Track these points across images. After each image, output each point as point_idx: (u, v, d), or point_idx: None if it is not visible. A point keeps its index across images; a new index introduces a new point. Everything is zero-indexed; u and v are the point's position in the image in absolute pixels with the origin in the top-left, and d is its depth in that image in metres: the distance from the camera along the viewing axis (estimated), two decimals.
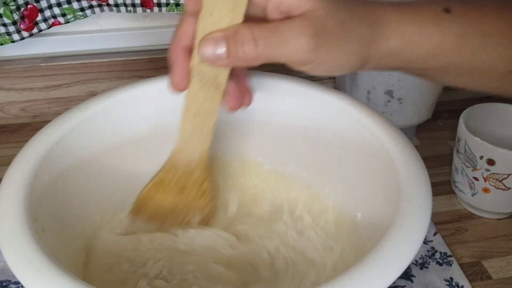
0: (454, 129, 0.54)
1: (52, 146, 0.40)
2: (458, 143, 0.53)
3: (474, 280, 0.48)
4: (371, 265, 0.31)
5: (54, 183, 0.40)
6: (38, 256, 0.31)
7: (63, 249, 0.39)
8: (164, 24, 0.68)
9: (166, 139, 0.49)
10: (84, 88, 0.67)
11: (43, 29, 0.60)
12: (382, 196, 0.40)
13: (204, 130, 0.43)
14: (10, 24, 0.57)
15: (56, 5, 0.59)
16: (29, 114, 0.67)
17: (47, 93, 0.67)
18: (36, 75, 0.66)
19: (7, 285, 0.46)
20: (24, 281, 0.30)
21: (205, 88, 0.41)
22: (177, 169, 0.46)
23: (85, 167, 0.44)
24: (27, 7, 0.58)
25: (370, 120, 0.42)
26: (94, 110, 0.44)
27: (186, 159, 0.45)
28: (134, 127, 0.47)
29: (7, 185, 0.36)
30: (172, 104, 0.48)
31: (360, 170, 0.44)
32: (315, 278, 0.45)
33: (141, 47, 0.68)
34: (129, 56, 0.67)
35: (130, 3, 0.59)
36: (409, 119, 0.60)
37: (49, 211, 0.38)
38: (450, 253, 0.50)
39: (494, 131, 0.54)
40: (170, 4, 0.59)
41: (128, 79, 0.68)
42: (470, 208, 0.55)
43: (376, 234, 0.35)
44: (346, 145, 0.45)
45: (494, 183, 0.51)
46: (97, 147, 0.45)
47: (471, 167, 0.51)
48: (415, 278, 0.47)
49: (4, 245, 0.32)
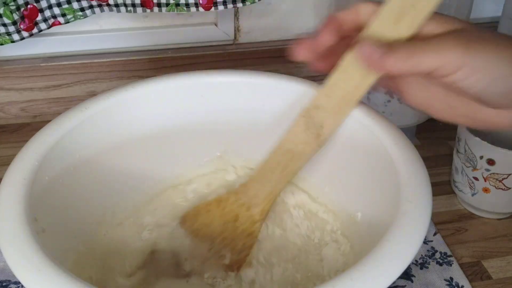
0: (454, 129, 0.54)
1: (52, 146, 0.40)
2: (458, 143, 0.53)
3: (474, 280, 0.48)
4: (371, 265, 0.31)
5: (54, 183, 0.40)
6: (38, 256, 0.31)
7: (63, 249, 0.39)
8: (164, 24, 0.68)
9: (166, 139, 0.49)
10: (84, 88, 0.67)
11: (43, 29, 0.60)
12: (382, 196, 0.40)
13: (286, 169, 0.43)
14: (10, 24, 0.57)
15: (56, 5, 0.59)
16: (29, 114, 0.67)
17: (47, 93, 0.67)
18: (36, 75, 0.66)
19: (7, 285, 0.46)
20: (24, 281, 0.30)
21: (308, 132, 0.42)
22: (241, 196, 0.45)
23: (85, 167, 0.44)
24: (27, 7, 0.58)
25: (370, 120, 0.42)
26: (94, 110, 0.44)
27: (255, 190, 0.44)
28: (134, 127, 0.47)
29: (7, 185, 0.36)
30: (172, 104, 0.48)
31: (360, 170, 0.44)
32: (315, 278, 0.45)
33: (141, 47, 0.68)
34: (129, 56, 0.67)
35: (130, 3, 0.59)
36: (409, 119, 0.60)
37: (49, 211, 0.38)
38: (450, 253, 0.50)
39: (494, 131, 0.55)
40: (170, 4, 0.59)
41: (128, 79, 0.68)
42: (470, 208, 0.55)
43: (376, 234, 0.35)
44: (346, 145, 0.45)
45: (494, 183, 0.51)
46: (97, 147, 0.45)
47: (471, 167, 0.51)
48: (415, 278, 0.47)
49: (4, 245, 0.32)
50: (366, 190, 0.43)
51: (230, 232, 0.44)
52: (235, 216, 0.45)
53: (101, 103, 0.45)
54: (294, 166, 0.43)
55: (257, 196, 0.44)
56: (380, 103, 0.58)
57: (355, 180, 0.45)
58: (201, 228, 0.45)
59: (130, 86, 0.47)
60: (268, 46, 0.70)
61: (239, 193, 0.45)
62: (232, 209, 0.45)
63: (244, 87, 0.49)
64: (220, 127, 0.50)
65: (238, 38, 0.70)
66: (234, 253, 0.44)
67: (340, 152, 0.46)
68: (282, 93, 0.48)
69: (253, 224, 0.44)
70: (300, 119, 0.42)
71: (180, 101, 0.48)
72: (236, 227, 0.44)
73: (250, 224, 0.44)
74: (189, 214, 0.46)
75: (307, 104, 0.41)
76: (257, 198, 0.44)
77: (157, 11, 0.60)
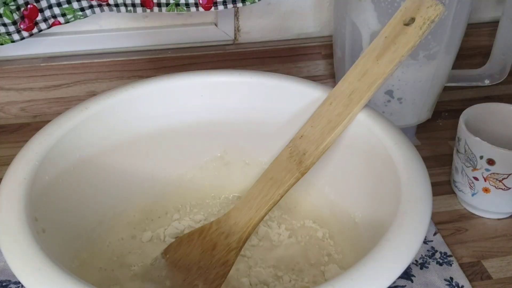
0: (454, 129, 0.54)
1: (52, 146, 0.40)
2: (458, 143, 0.53)
3: (474, 280, 0.48)
4: (371, 265, 0.31)
5: (54, 183, 0.40)
6: (39, 255, 0.31)
7: (63, 248, 0.39)
8: (164, 24, 0.68)
9: (166, 139, 0.49)
10: (84, 88, 0.67)
11: (43, 29, 0.60)
12: (382, 196, 0.40)
13: (267, 196, 0.43)
14: (10, 24, 0.57)
15: (56, 5, 0.59)
16: (29, 114, 0.67)
17: (47, 93, 0.67)
18: (36, 75, 0.66)
19: (7, 285, 0.46)
20: (24, 281, 0.30)
21: (291, 160, 0.43)
22: (222, 225, 0.45)
23: (85, 167, 0.44)
24: (27, 7, 0.58)
25: (370, 120, 0.42)
26: (94, 110, 0.44)
27: (235, 218, 0.44)
28: (134, 127, 0.47)
29: (8, 185, 0.36)
30: (172, 104, 0.48)
31: (360, 169, 0.44)
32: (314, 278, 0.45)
33: (141, 47, 0.68)
34: (129, 56, 0.67)
35: (130, 3, 0.59)
36: (409, 119, 0.60)
37: (49, 210, 0.38)
38: (450, 253, 0.50)
39: (494, 131, 0.54)
40: (170, 4, 0.59)
41: (128, 79, 0.68)
42: (470, 208, 0.55)
43: (376, 234, 0.35)
44: (346, 144, 0.45)
45: (494, 183, 0.51)
46: (97, 147, 0.45)
47: (471, 167, 0.51)
48: (415, 278, 0.47)
49: (5, 244, 0.32)
50: (366, 190, 0.43)
51: (206, 261, 0.44)
52: (213, 245, 0.44)
53: (101, 103, 0.45)
54: (274, 194, 0.43)
55: (236, 224, 0.44)
56: (380, 103, 0.58)
57: (355, 180, 0.45)
58: (181, 258, 0.45)
59: (130, 86, 0.47)
60: (268, 46, 0.70)
61: (221, 222, 0.45)
62: (212, 238, 0.45)
63: (244, 87, 0.49)
64: (220, 127, 0.50)
65: (238, 38, 0.70)
66: (206, 283, 0.42)
67: (340, 152, 0.46)
68: (282, 93, 0.48)
69: (229, 252, 0.43)
70: (286, 149, 0.44)
71: (180, 101, 0.48)
72: (212, 256, 0.44)
73: (226, 252, 0.43)
74: (172, 245, 0.46)
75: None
76: (237, 226, 0.44)
77: (157, 11, 0.60)
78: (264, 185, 0.44)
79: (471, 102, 0.55)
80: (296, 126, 0.47)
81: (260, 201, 0.43)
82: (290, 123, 0.47)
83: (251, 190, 0.45)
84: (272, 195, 0.43)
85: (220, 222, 0.45)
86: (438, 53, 0.55)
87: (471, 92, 0.70)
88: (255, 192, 0.44)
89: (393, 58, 0.41)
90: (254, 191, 0.44)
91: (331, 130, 0.42)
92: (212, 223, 0.46)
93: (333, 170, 0.47)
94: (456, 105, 0.68)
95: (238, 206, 0.45)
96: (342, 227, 0.46)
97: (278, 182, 0.43)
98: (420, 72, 0.56)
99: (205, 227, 0.46)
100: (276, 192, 0.43)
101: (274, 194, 0.43)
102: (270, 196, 0.43)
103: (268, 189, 0.43)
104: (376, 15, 0.52)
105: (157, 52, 0.68)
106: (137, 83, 0.47)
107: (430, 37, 0.53)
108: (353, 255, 0.44)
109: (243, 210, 0.44)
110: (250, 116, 0.49)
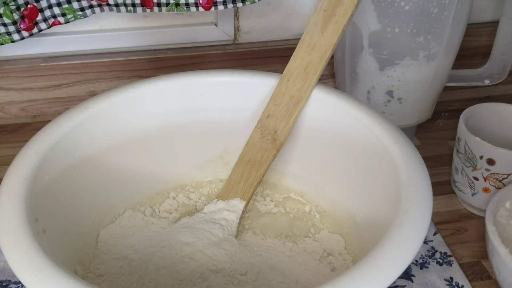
0: (454, 129, 0.54)
1: (52, 146, 0.40)
2: (458, 143, 0.53)
3: (474, 280, 0.48)
4: (372, 264, 0.31)
5: (54, 183, 0.40)
6: (39, 255, 0.31)
7: (63, 248, 0.39)
8: (164, 24, 0.68)
9: (166, 139, 0.49)
10: (84, 88, 0.67)
11: (43, 29, 0.60)
12: (383, 195, 0.40)
13: (250, 179, 0.45)
14: (10, 24, 0.57)
15: (56, 5, 0.59)
16: (29, 114, 0.67)
17: (47, 93, 0.67)
18: (36, 75, 0.66)
19: (7, 285, 0.46)
20: (25, 281, 0.30)
21: (264, 140, 0.44)
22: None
23: (85, 167, 0.44)
24: (27, 7, 0.58)
25: (370, 119, 0.42)
26: (94, 110, 0.44)
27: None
28: (134, 127, 0.47)
29: (8, 185, 0.36)
30: (172, 104, 0.48)
31: (360, 169, 0.44)
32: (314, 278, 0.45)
33: (141, 47, 0.68)
34: (129, 56, 0.67)
35: (130, 3, 0.59)
36: (409, 119, 0.60)
37: (49, 210, 0.38)
38: (450, 253, 0.50)
39: (494, 131, 0.54)
40: (170, 4, 0.59)
41: (128, 79, 0.68)
42: (470, 208, 0.55)
43: (377, 234, 0.35)
44: (346, 144, 0.45)
45: (494, 183, 0.51)
46: (97, 147, 0.45)
47: (471, 167, 0.51)
48: (415, 278, 0.47)
49: (5, 244, 0.32)
50: (367, 190, 0.43)
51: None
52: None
53: (101, 103, 0.45)
54: (256, 175, 0.45)
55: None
56: (380, 103, 0.58)
57: (355, 179, 0.45)
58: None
59: (130, 86, 0.47)
60: (268, 46, 0.70)
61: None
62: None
63: (244, 87, 0.49)
64: (220, 127, 0.50)
65: (238, 38, 0.70)
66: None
67: (340, 152, 0.46)
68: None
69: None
70: (256, 130, 0.45)
71: (180, 101, 0.49)
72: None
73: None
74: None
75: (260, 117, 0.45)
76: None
77: (157, 11, 0.60)
78: (243, 169, 0.45)
79: (471, 102, 0.55)
80: (297, 125, 0.47)
81: (244, 185, 0.45)
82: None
83: (231, 176, 0.46)
84: (255, 176, 0.45)
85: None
86: (438, 53, 0.55)
87: (471, 92, 0.70)
88: (236, 177, 0.46)
89: (337, 29, 0.43)
90: (235, 176, 0.46)
91: (296, 104, 0.45)
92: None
93: (332, 169, 0.47)
94: (456, 105, 0.68)
95: (221, 194, 0.46)
96: (342, 226, 0.46)
97: (257, 163, 0.45)
98: (420, 72, 0.56)
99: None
100: (258, 172, 0.45)
101: (256, 175, 0.45)
102: (252, 178, 0.45)
103: (249, 172, 0.45)
104: (376, 15, 0.52)
105: (157, 52, 0.68)
106: (137, 83, 0.47)
107: (430, 37, 0.53)
108: (353, 255, 0.44)
109: (228, 196, 0.45)
110: (250, 116, 0.49)
